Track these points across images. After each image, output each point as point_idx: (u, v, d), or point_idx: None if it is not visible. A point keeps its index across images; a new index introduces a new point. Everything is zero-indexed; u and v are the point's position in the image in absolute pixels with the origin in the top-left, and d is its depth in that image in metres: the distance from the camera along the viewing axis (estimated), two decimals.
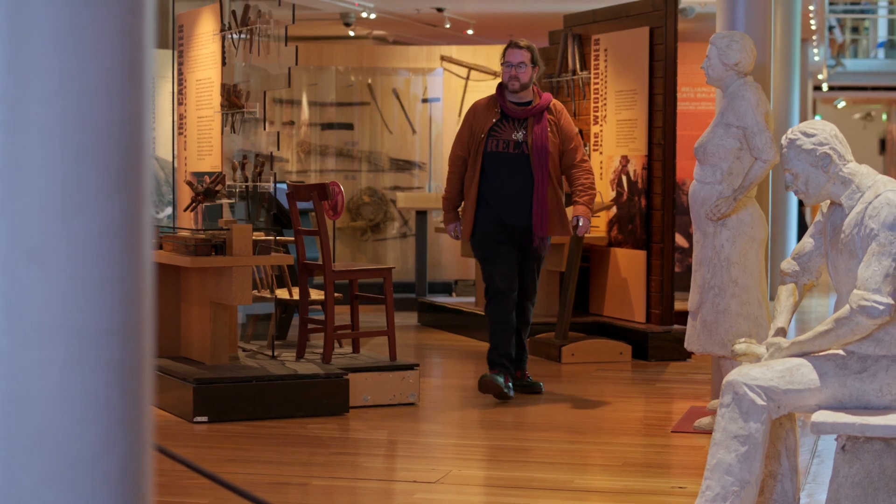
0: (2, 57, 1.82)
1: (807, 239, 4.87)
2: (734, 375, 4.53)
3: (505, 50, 8.22)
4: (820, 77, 25.39)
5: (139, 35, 1.89)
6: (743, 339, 4.76)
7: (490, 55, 14.05)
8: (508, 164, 8.07)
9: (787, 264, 4.89)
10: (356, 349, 8.41)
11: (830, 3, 25.50)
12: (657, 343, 9.86)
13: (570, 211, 8.23)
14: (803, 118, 19.50)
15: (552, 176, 8.05)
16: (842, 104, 31.58)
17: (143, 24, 1.90)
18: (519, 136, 8.07)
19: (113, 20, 1.84)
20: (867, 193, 4.55)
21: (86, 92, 1.83)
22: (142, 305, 1.88)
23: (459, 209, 8.29)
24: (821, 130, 4.65)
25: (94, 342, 1.80)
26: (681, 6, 14.24)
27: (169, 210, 10.39)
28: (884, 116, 33.03)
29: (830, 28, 25.20)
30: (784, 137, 4.69)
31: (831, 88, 27.25)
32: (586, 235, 8.89)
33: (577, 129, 8.33)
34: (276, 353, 8.26)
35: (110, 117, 1.84)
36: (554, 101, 8.25)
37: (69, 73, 1.80)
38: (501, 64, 8.20)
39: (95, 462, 1.82)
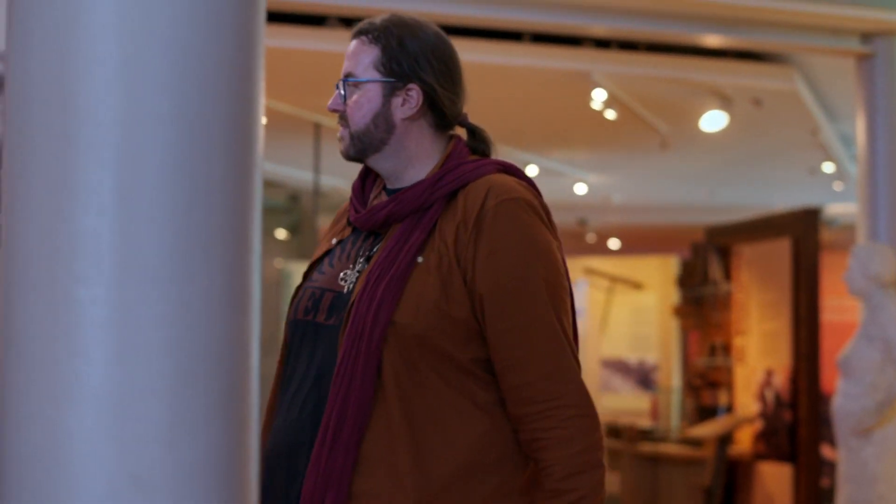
0: (109, 307, 1.88)
1: None
2: None
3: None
4: None
5: (244, 255, 1.94)
6: None
7: (634, 266, 14.10)
8: (307, 357, 2.62)
9: None
10: None
11: None
12: None
13: None
14: None
15: (393, 402, 2.47)
16: None
17: (249, 245, 1.94)
18: (350, 276, 2.64)
19: (215, 244, 1.89)
20: None
21: (189, 317, 1.88)
22: None
23: None
24: None
25: None
26: (826, 217, 14.19)
27: None
28: None
29: None
30: None
31: None
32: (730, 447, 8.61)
33: (548, 279, 2.51)
34: None
35: (213, 343, 1.89)
36: (495, 182, 2.54)
37: (173, 301, 1.85)
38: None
39: None
